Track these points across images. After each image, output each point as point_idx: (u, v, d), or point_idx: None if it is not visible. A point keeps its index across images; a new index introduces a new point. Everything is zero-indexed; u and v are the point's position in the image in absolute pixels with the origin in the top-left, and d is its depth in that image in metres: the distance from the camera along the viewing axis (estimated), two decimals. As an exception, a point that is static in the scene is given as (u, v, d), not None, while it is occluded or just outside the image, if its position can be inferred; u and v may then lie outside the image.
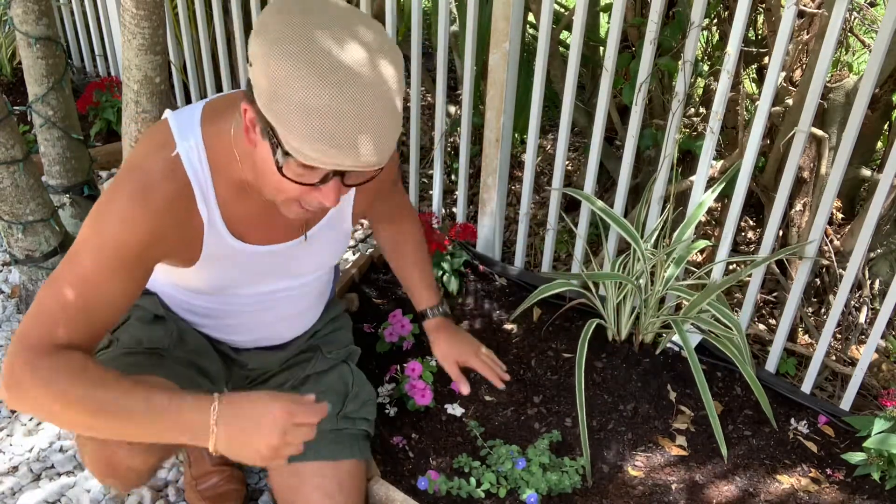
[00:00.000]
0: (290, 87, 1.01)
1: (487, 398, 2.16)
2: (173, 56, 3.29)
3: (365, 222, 3.02)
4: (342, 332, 1.91)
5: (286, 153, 1.07)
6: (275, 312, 1.63)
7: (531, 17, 2.87)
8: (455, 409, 2.12)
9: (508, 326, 2.41)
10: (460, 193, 2.75)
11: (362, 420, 1.79)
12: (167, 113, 1.32)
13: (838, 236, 2.55)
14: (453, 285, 2.51)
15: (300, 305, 1.68)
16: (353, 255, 2.81)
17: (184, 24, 3.18)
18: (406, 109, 2.72)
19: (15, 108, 2.93)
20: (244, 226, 1.37)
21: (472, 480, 1.89)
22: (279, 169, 1.10)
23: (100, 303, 1.22)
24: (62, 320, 1.19)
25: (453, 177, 3.22)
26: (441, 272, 2.53)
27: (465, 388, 1.80)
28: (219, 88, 3.31)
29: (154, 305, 1.60)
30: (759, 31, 2.75)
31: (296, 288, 1.60)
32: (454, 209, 2.99)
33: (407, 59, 3.33)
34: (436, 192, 2.81)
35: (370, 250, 2.72)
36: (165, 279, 1.56)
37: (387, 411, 2.10)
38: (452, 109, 3.60)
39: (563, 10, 3.15)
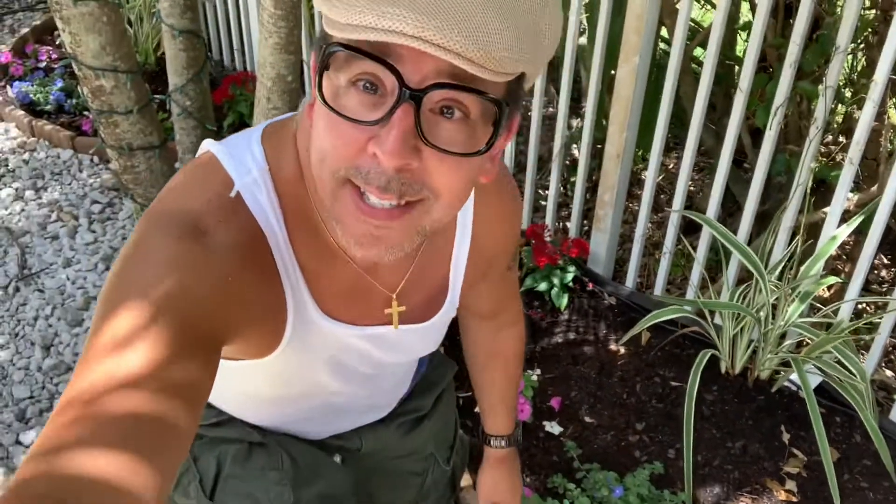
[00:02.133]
0: None
1: (587, 419, 2.12)
2: (306, 56, 3.39)
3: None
4: (449, 417, 1.44)
5: (329, 50, 0.66)
6: (356, 402, 1.15)
7: (663, 32, 2.80)
8: (553, 428, 2.08)
9: (615, 347, 2.35)
10: (575, 207, 2.71)
11: None
12: (208, 144, 0.86)
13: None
14: (562, 300, 2.47)
15: (388, 386, 1.20)
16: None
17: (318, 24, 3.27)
18: (527, 118, 2.70)
19: (155, 96, 3.09)
20: (331, 296, 0.89)
21: (567, 503, 1.85)
22: (321, 91, 0.68)
23: (145, 417, 0.63)
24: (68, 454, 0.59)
25: (569, 190, 3.18)
26: (550, 286, 2.50)
27: None
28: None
29: (241, 429, 1.11)
30: (911, 58, 2.58)
31: (388, 370, 1.11)
32: (567, 223, 2.94)
33: (532, 68, 3.30)
34: (550, 205, 2.77)
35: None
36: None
37: (484, 422, 2.09)
38: (574, 122, 3.55)
39: (698, 26, 3.05)
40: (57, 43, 4.25)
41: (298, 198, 0.82)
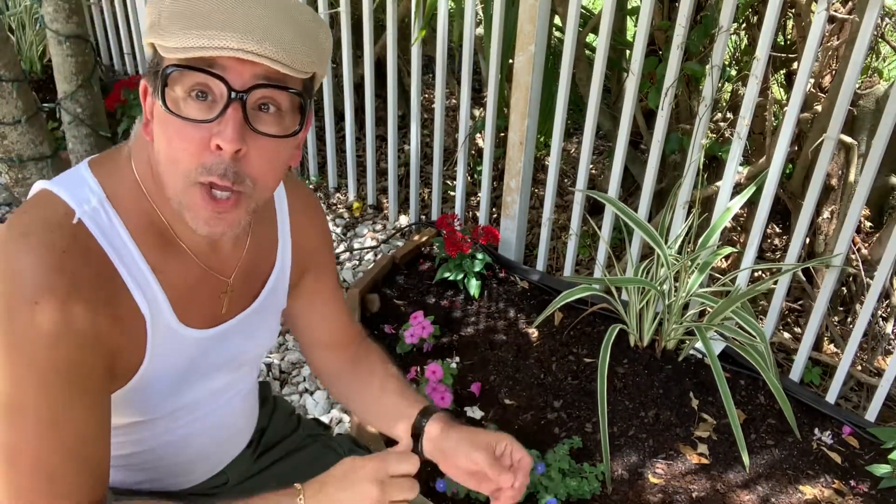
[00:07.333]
0: None
1: (507, 402, 2.16)
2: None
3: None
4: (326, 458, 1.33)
5: (167, 71, 0.84)
6: (220, 427, 1.19)
7: (557, 20, 2.86)
8: (475, 412, 2.12)
9: (529, 330, 2.40)
10: (483, 196, 2.75)
11: None
12: (41, 184, 0.96)
13: (866, 245, 2.51)
14: (475, 288, 2.51)
15: (242, 407, 1.24)
16: (375, 256, 2.81)
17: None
18: (430, 111, 2.72)
19: (44, 104, 2.97)
20: (182, 296, 1.01)
21: (491, 484, 1.88)
22: (164, 102, 0.84)
23: (77, 441, 0.89)
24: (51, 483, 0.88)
25: (476, 179, 3.22)
26: (462, 275, 2.53)
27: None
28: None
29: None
30: (789, 36, 2.72)
31: (237, 383, 1.17)
32: (476, 212, 2.98)
33: (432, 60, 3.33)
34: (458, 194, 2.80)
35: (392, 251, 2.73)
36: None
37: (406, 413, 2.10)
38: (476, 112, 3.60)
39: (589, 13, 3.13)
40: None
41: (141, 210, 0.96)
